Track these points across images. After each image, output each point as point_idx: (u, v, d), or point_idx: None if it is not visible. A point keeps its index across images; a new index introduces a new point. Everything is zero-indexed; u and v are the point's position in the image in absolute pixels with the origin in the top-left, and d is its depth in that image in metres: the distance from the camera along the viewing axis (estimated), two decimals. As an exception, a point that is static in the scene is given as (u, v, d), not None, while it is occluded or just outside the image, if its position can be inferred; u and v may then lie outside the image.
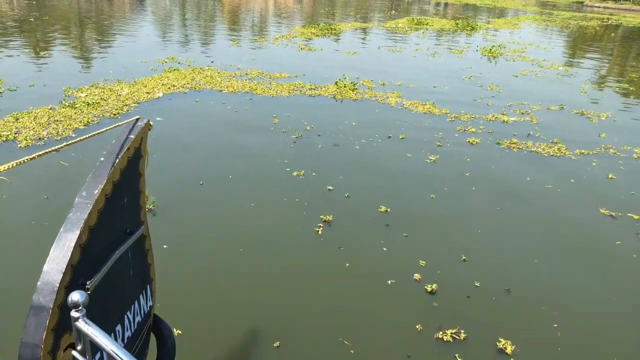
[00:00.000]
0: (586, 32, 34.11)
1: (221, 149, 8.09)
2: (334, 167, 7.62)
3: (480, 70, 15.82)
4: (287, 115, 10.05)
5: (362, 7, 47.36)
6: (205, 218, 5.82)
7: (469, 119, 10.36)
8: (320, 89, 12.33)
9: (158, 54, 15.48)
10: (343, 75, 13.26)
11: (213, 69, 13.76)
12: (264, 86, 12.13)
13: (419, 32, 26.69)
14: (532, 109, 11.35)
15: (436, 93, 12.54)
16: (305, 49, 18.68)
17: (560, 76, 15.88)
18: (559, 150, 8.66)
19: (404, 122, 10.08)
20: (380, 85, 13.05)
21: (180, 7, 38.65)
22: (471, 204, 6.57)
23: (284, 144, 8.45)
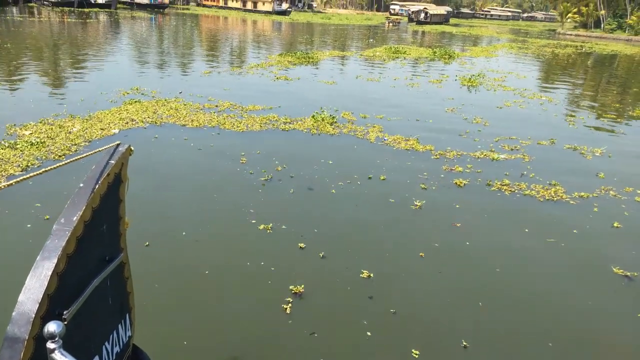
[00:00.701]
0: (563, 60, 34.39)
1: (175, 196, 7.04)
2: (307, 217, 6.64)
3: (462, 101, 15.21)
4: (257, 153, 9.09)
5: (340, 35, 47.35)
6: (141, 291, 4.74)
7: (455, 156, 9.55)
8: (296, 122, 11.45)
9: (122, 84, 14.45)
10: (321, 108, 12.43)
11: (180, 101, 12.78)
12: (233, 120, 11.19)
13: (397, 60, 26.32)
14: (521, 144, 10.63)
15: (419, 127, 11.77)
16: (282, 78, 17.92)
17: (544, 107, 15.37)
18: (555, 194, 7.86)
19: (385, 160, 9.22)
20: (362, 118, 12.24)
21: (156, 33, 37.85)
22: (466, 265, 5.63)
23: (251, 188, 7.45)
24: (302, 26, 58.81)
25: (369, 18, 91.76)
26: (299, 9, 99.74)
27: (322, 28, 57.40)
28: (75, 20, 41.95)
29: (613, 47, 51.47)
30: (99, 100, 12.30)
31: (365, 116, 12.48)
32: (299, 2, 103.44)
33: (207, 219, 6.36)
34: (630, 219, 7.13)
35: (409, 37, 50.75)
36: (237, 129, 10.53)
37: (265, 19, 67.86)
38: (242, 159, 8.69)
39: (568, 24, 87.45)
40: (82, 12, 53.01)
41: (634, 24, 72.32)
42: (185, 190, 7.28)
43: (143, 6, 66.52)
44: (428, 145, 10.05)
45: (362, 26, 65.85)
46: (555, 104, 16.20)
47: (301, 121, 11.58)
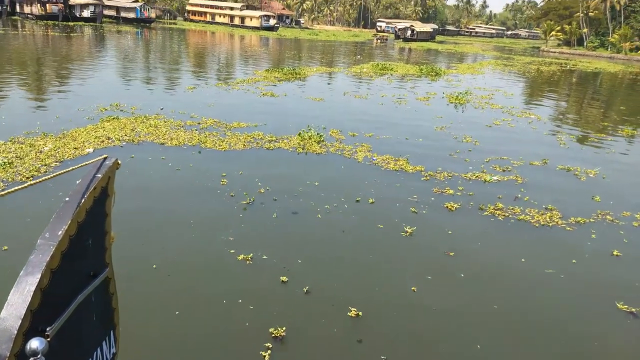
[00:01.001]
0: (548, 77, 34.66)
1: (147, 223, 6.54)
2: (290, 245, 6.19)
3: (450, 119, 14.97)
4: (239, 173, 8.64)
5: (327, 51, 47.38)
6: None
7: (446, 177, 9.20)
8: (281, 140, 11.04)
9: (101, 100, 13.94)
10: (308, 126, 12.04)
11: (160, 118, 12.31)
12: (216, 138, 10.74)
13: (384, 77, 26.19)
14: (513, 164, 10.34)
15: (409, 146, 11.44)
16: (268, 94, 17.55)
17: (533, 125, 15.19)
18: (551, 219, 7.52)
19: (374, 181, 8.83)
20: (350, 137, 11.88)
21: (142, 47, 37.40)
22: (462, 300, 5.22)
23: (231, 213, 6.99)
24: (289, 42, 58.90)
25: (356, 35, 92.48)
26: (287, 25, 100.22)
27: (310, 44, 57.51)
28: (59, 34, 41.39)
29: (596, 64, 52.27)
30: (75, 117, 11.77)
31: (354, 134, 12.12)
32: (286, 18, 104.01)
33: (181, 249, 5.87)
34: (630, 246, 6.80)
35: (395, 54, 51.02)
36: (219, 147, 10.08)
37: (253, 35, 67.90)
38: (223, 180, 8.23)
39: (552, 41, 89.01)
40: (67, 25, 52.47)
41: (616, 42, 73.83)
42: (159, 216, 6.79)
43: (129, 20, 66.16)
44: (418, 166, 9.69)
45: (349, 42, 66.22)
46: (544, 122, 16.05)
47: (287, 139, 11.18)
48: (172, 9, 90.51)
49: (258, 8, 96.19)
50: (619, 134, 15.04)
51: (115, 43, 39.35)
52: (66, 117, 11.70)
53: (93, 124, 11.20)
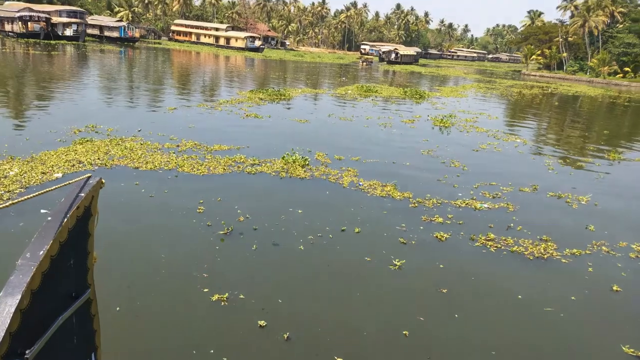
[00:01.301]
0: (531, 100, 35.02)
1: (114, 257, 5.99)
2: (270, 282, 5.70)
3: (437, 143, 14.72)
4: (217, 200, 8.15)
5: (312, 73, 47.46)
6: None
7: (435, 204, 8.83)
8: (264, 164, 10.60)
9: (77, 121, 13.37)
10: (292, 149, 11.62)
11: (137, 140, 11.79)
12: (194, 161, 10.25)
13: (369, 99, 26.08)
14: (503, 191, 10.03)
15: (396, 170, 11.09)
16: (252, 116, 17.15)
17: (519, 149, 15.02)
18: (545, 250, 7.16)
19: (360, 208, 8.42)
20: (336, 160, 11.50)
21: (124, 66, 36.88)
22: (456, 348, 4.76)
23: (207, 245, 6.48)
24: (275, 63, 58.99)
25: (341, 57, 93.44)
26: (272, 47, 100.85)
27: (295, 65, 57.68)
28: (40, 53, 40.72)
29: (576, 88, 53.30)
30: (46, 140, 11.18)
31: (340, 158, 11.74)
32: (272, 40, 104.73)
33: (149, 289, 5.33)
34: (629, 280, 6.46)
35: (380, 76, 51.36)
36: (197, 172, 9.59)
37: (238, 55, 67.94)
38: (199, 207, 7.73)
39: (532, 65, 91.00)
40: (49, 44, 51.78)
41: (595, 66, 75.70)
42: (126, 249, 6.24)
43: (113, 39, 65.77)
44: (406, 192, 9.31)
45: (334, 64, 66.68)
46: (530, 146, 15.92)
47: (270, 163, 10.75)
48: (157, 29, 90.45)
49: (244, 29, 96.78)
50: (605, 158, 14.95)
51: (97, 62, 38.81)
52: (37, 139, 11.11)
53: (65, 146, 10.63)
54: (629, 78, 73.21)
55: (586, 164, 13.83)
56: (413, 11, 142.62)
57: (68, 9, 62.22)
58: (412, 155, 12.78)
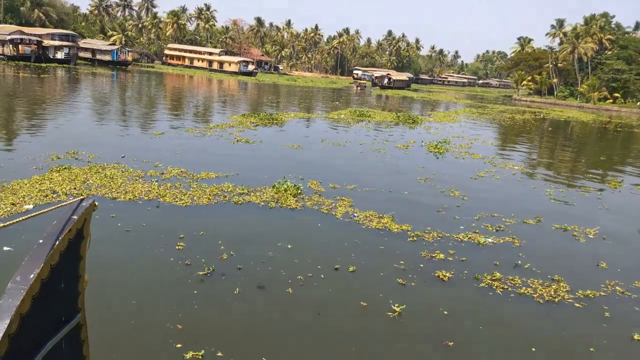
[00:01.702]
0: (524, 126, 34.90)
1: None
2: (254, 335, 5.02)
3: (433, 170, 14.21)
4: (199, 234, 7.51)
5: (305, 97, 47.32)
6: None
7: (435, 238, 8.24)
8: (253, 193, 9.99)
9: (58, 147, 12.73)
10: (283, 177, 11.00)
11: (119, 167, 11.16)
12: (177, 191, 9.61)
13: (362, 123, 25.71)
14: (506, 223, 9.47)
15: (393, 200, 10.52)
16: (242, 141, 16.59)
17: (518, 177, 14.55)
18: (556, 293, 6.55)
19: (355, 243, 7.80)
20: (331, 189, 10.92)
21: (115, 90, 36.41)
22: (470, 414, 4.11)
23: (184, 289, 5.81)
24: (268, 87, 58.99)
25: (334, 81, 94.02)
26: (266, 71, 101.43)
27: (288, 89, 57.67)
28: (30, 75, 40.25)
29: (568, 113, 53.60)
30: (21, 167, 10.52)
31: (334, 187, 11.16)
32: (265, 64, 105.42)
33: (114, 344, 4.64)
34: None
35: (373, 101, 51.37)
36: (179, 202, 8.94)
37: (232, 79, 67.99)
38: (179, 243, 7.08)
39: (523, 90, 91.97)
40: (39, 67, 51.40)
41: (585, 92, 76.57)
42: (93, 294, 5.54)
43: (105, 63, 65.60)
44: (404, 225, 8.71)
45: (327, 89, 66.86)
46: (528, 173, 15.46)
47: (260, 192, 10.14)
48: (150, 53, 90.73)
49: (237, 54, 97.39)
50: (606, 186, 14.51)
51: (87, 85, 38.35)
52: (11, 167, 10.44)
53: (40, 174, 9.96)
54: (618, 104, 74.08)
55: (587, 192, 13.35)
56: (404, 37, 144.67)
57: (60, 32, 62.09)
58: (409, 184, 12.23)
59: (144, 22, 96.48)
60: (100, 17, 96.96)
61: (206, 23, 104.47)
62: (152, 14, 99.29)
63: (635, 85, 74.38)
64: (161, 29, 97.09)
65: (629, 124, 46.38)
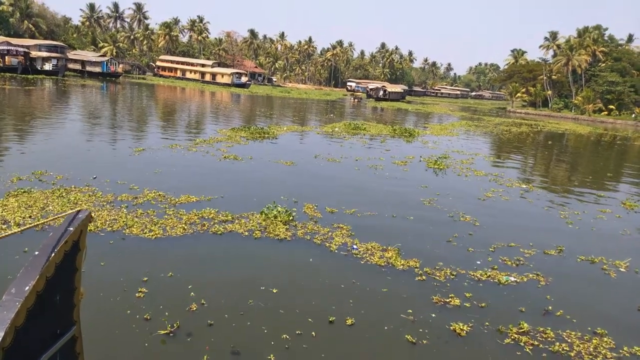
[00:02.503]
0: (523, 139, 33.97)
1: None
2: None
3: (436, 189, 13.07)
4: (167, 276, 6.29)
5: (299, 109, 46.32)
6: None
7: (447, 277, 7.05)
8: (238, 221, 8.79)
9: (24, 167, 11.48)
10: (273, 202, 9.76)
11: (88, 190, 9.92)
12: (149, 219, 8.38)
13: (357, 137, 24.64)
14: (525, 254, 8.31)
15: (397, 227, 9.33)
16: (230, 157, 15.38)
17: (528, 198, 13.40)
18: (596, 350, 5.38)
19: (353, 285, 6.61)
20: (328, 214, 9.75)
21: (102, 103, 35.13)
22: None
23: (140, 353, 4.57)
24: (261, 99, 58.01)
25: (328, 93, 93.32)
26: (259, 83, 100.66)
27: (282, 101, 56.70)
28: (15, 88, 38.94)
29: (564, 125, 52.94)
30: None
31: (332, 210, 9.98)
32: (258, 76, 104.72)
33: None
34: None
35: (368, 113, 50.47)
36: (148, 234, 7.70)
37: (224, 91, 67.01)
38: (141, 289, 5.84)
39: (517, 102, 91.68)
40: (26, 79, 50.09)
41: (580, 104, 76.28)
42: None
43: (95, 75, 64.43)
44: (411, 260, 7.51)
45: (321, 101, 66.01)
46: (537, 193, 14.33)
47: (246, 219, 8.95)
48: (142, 64, 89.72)
49: (231, 66, 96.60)
50: (621, 207, 13.41)
51: (72, 98, 37.09)
52: (-39, 190, 9.19)
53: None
54: (613, 115, 73.76)
55: (604, 215, 12.21)
56: (397, 50, 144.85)
57: (48, 43, 60.88)
58: (413, 206, 11.06)
59: (135, 33, 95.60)
60: (92, 28, 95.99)
61: (199, 35, 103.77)
62: (144, 26, 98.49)
63: (630, 97, 74.22)
64: (153, 41, 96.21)
65: (627, 136, 45.70)
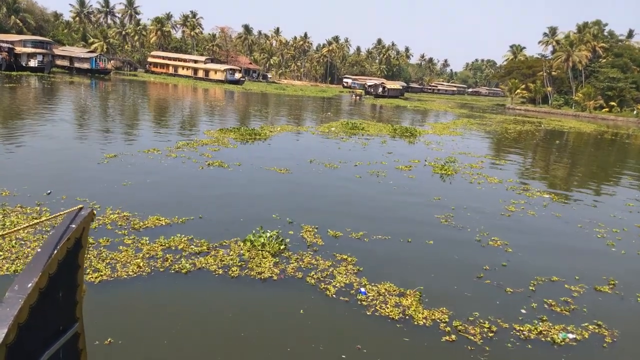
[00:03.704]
0: (531, 139, 32.32)
1: None
2: None
3: (451, 203, 11.38)
4: (103, 344, 4.57)
5: (294, 107, 44.53)
6: None
7: (484, 335, 5.35)
8: (215, 252, 7.09)
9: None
10: (260, 227, 7.99)
11: (36, 209, 8.17)
12: (95, 252, 6.63)
13: (355, 137, 22.93)
14: (573, 294, 6.64)
15: (416, 259, 7.62)
16: (215, 164, 13.57)
17: (555, 211, 11.70)
18: None
19: (356, 356, 4.90)
20: (331, 238, 8.06)
21: (85, 102, 33.15)
22: None
23: None
24: (255, 96, 56.14)
25: (324, 90, 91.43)
26: (254, 79, 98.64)
27: (277, 99, 54.88)
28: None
29: (568, 123, 51.46)
30: None
31: (336, 234, 8.27)
32: (253, 72, 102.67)
33: None
34: None
35: (366, 111, 48.72)
36: (90, 276, 5.95)
37: (217, 88, 65.06)
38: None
39: (516, 99, 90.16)
40: (9, 75, 48.00)
41: (580, 100, 74.82)
42: None
43: (83, 71, 62.26)
44: (436, 311, 5.80)
45: (317, 98, 64.17)
46: (563, 206, 12.61)
47: (226, 248, 7.25)
48: (133, 61, 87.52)
49: (224, 62, 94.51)
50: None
51: (55, 96, 35.15)
52: None
53: None
54: (615, 112, 72.38)
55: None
56: (394, 46, 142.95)
57: (33, 38, 58.60)
58: (429, 226, 9.37)
59: (127, 29, 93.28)
60: (83, 24, 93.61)
61: (192, 30, 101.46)
62: (135, 21, 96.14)
63: (631, 94, 72.85)
64: (145, 37, 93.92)
65: (632, 134, 44.20)
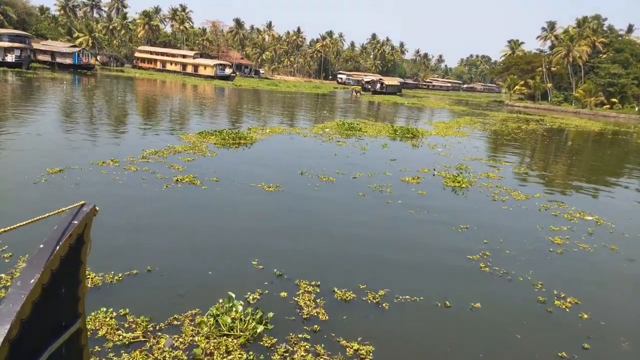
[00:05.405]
0: (541, 140, 30.03)
1: None
2: None
3: (480, 231, 9.04)
4: None
5: (287, 104, 41.98)
6: None
7: None
8: (151, 342, 4.73)
9: None
10: (228, 297, 5.38)
11: None
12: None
13: (352, 140, 20.49)
14: None
15: (463, 341, 5.20)
16: (185, 180, 10.99)
17: (609, 243, 9.27)
18: None
19: None
20: (339, 305, 5.69)
21: (61, 100, 30.39)
22: None
23: None
24: (246, 93, 53.54)
25: (318, 86, 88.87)
26: (246, 75, 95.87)
27: (269, 96, 52.30)
28: (-38, 81, 34.12)
29: (572, 121, 49.41)
30: None
31: (345, 298, 5.84)
32: (245, 67, 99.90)
33: None
34: None
35: (363, 109, 46.27)
36: None
37: (207, 84, 62.35)
38: None
39: (514, 95, 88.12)
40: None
41: (580, 97, 72.84)
42: None
43: (66, 66, 59.35)
44: None
45: (311, 94, 61.68)
46: (610, 232, 10.26)
47: (173, 332, 4.85)
48: (120, 56, 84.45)
49: (215, 57, 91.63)
50: None
51: (27, 95, 32.39)
52: None
53: None
54: (616, 109, 70.49)
55: None
56: (389, 41, 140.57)
57: (10, 32, 55.56)
58: (466, 276, 6.94)
59: (113, 23, 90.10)
60: (69, 19, 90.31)
61: (181, 24, 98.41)
62: (122, 15, 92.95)
63: (632, 90, 70.96)
64: (132, 31, 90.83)
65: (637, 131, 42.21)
